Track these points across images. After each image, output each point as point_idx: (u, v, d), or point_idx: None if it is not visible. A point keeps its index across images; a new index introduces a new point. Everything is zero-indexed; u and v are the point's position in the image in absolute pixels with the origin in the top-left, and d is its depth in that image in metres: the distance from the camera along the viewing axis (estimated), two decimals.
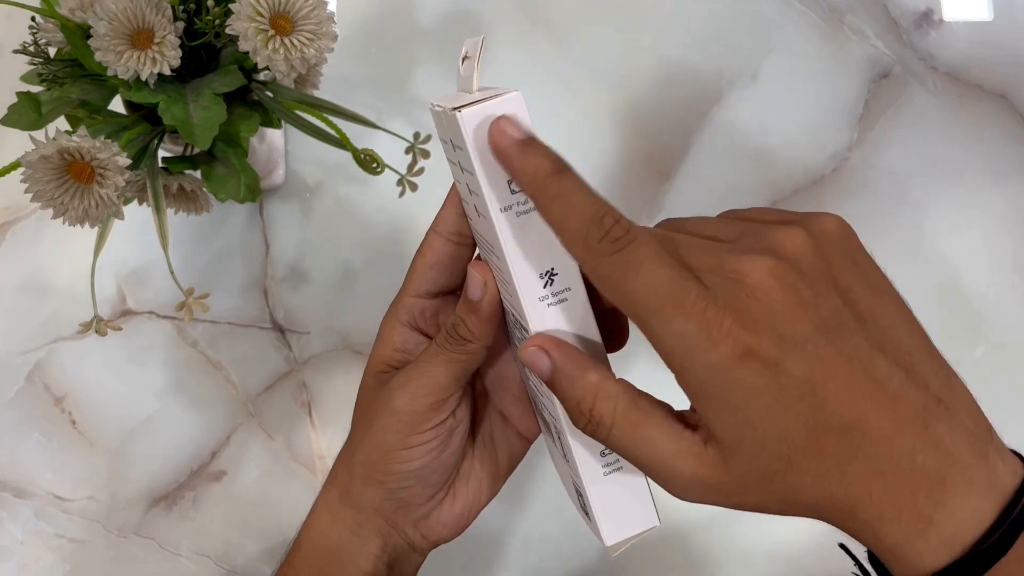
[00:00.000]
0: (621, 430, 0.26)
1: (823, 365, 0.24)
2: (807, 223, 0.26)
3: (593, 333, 0.29)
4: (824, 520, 0.25)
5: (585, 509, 0.30)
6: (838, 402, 0.24)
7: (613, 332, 0.30)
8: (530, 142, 0.26)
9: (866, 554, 0.26)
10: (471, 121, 0.27)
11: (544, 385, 0.28)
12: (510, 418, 0.35)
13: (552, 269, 0.28)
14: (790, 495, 0.25)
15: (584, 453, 0.29)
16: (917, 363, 0.25)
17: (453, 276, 0.32)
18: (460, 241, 0.31)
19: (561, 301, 0.28)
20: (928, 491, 0.24)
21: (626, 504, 0.29)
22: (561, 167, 0.26)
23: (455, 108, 0.27)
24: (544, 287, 0.28)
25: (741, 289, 0.24)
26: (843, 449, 0.24)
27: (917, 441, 0.24)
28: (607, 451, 0.29)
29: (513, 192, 0.27)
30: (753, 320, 0.23)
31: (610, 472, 0.29)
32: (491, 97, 0.27)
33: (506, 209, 0.27)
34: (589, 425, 0.26)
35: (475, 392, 0.35)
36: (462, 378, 0.31)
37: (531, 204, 0.27)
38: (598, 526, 0.29)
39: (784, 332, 0.24)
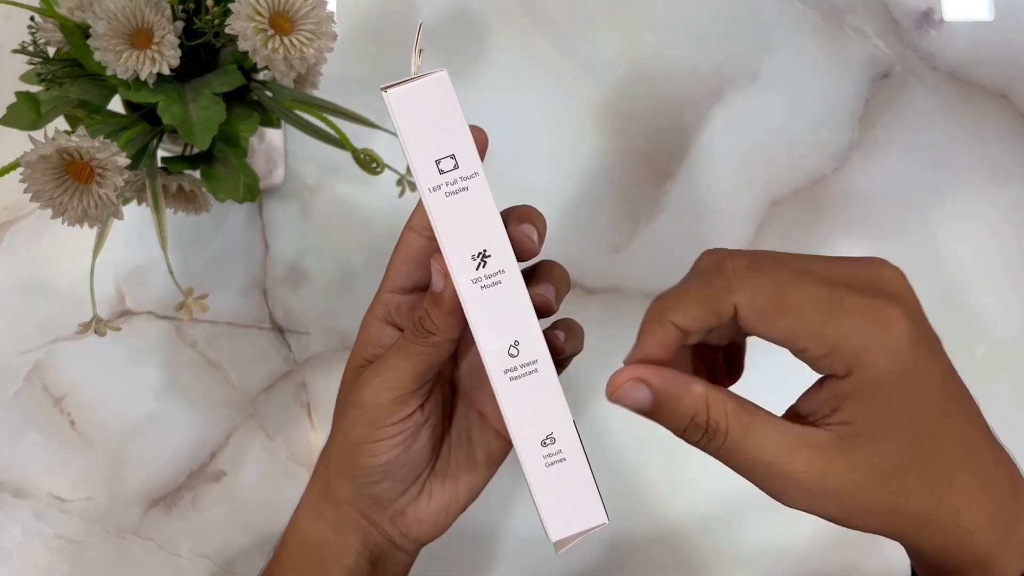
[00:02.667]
0: (735, 433, 0.26)
1: (948, 371, 0.26)
2: (884, 262, 0.28)
3: (528, 314, 0.28)
4: (912, 536, 0.26)
5: (533, 504, 0.29)
6: (956, 410, 0.26)
7: (732, 366, 0.31)
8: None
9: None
10: (396, 100, 0.27)
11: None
12: (488, 417, 0.34)
13: (484, 251, 0.28)
14: (903, 498, 0.26)
15: (525, 442, 0.29)
16: None
17: (427, 271, 0.32)
18: (434, 236, 0.31)
19: (495, 284, 0.28)
20: (1008, 503, 0.26)
21: (571, 498, 0.29)
22: (661, 308, 0.27)
23: (382, 88, 0.27)
24: (476, 268, 0.28)
25: (887, 289, 0.25)
26: (955, 457, 0.25)
27: (994, 456, 0.26)
28: (549, 440, 0.28)
29: (442, 172, 0.28)
30: (909, 313, 0.25)
31: (552, 463, 0.28)
32: (418, 77, 0.27)
33: (434, 189, 0.28)
34: (705, 435, 0.27)
35: (452, 389, 0.35)
36: (427, 372, 0.31)
37: (461, 184, 0.28)
38: (543, 521, 0.29)
39: (926, 332, 0.25)
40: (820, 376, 0.26)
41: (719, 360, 0.31)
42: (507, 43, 0.60)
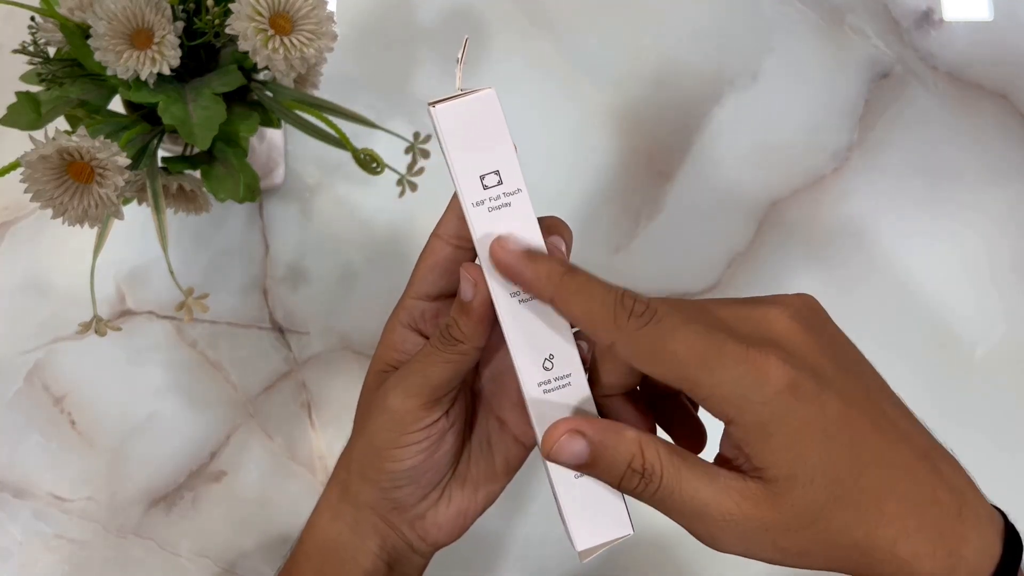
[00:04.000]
0: (669, 476, 0.26)
1: (852, 400, 0.25)
2: (780, 301, 0.28)
3: (564, 328, 0.29)
4: (859, 568, 0.26)
5: (560, 513, 0.30)
6: (869, 437, 0.25)
7: (694, 436, 0.31)
8: (534, 252, 0.28)
9: None
10: (443, 116, 0.28)
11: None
12: (507, 423, 0.35)
13: None
14: (834, 535, 0.25)
15: None
16: (906, 413, 0.27)
17: (453, 279, 0.32)
18: (460, 244, 0.31)
19: (533, 297, 0.28)
20: (951, 526, 0.25)
21: (599, 509, 0.29)
22: (570, 265, 0.27)
23: (430, 104, 0.28)
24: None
25: (771, 333, 0.26)
26: (879, 484, 0.25)
27: (932, 477, 0.25)
28: None
29: (486, 188, 0.28)
30: (791, 357, 0.25)
31: (581, 474, 0.29)
32: (465, 94, 0.28)
33: (478, 204, 0.28)
34: (642, 480, 0.27)
35: (473, 396, 0.35)
36: (454, 379, 0.31)
37: (504, 200, 0.28)
38: (569, 530, 0.29)
39: (816, 369, 0.25)
40: None
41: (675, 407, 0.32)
42: (507, 44, 0.60)
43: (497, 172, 0.28)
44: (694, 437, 0.31)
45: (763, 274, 0.57)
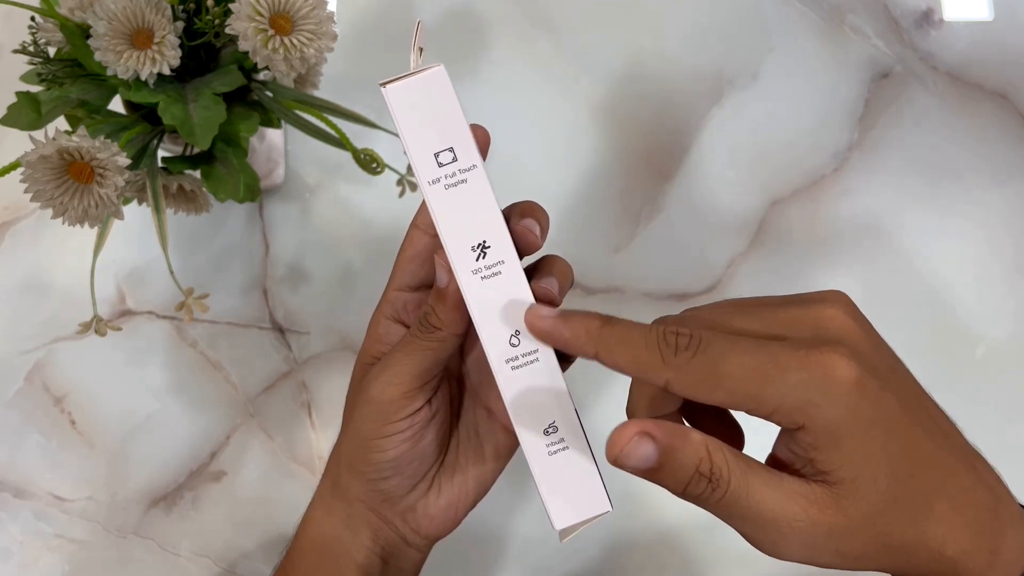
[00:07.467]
0: (737, 481, 0.25)
1: (904, 399, 0.25)
2: (828, 298, 0.27)
3: (530, 304, 0.29)
4: (906, 568, 0.26)
5: (538, 492, 0.30)
6: (919, 436, 0.25)
7: (733, 436, 0.31)
8: (568, 313, 0.27)
9: None
10: (395, 95, 0.28)
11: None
12: (495, 412, 0.35)
13: (484, 242, 0.28)
14: (890, 536, 0.25)
15: (528, 431, 0.29)
16: (943, 413, 0.28)
17: (433, 269, 0.32)
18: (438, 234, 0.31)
19: (495, 274, 0.29)
20: (990, 524, 0.26)
21: (575, 487, 0.29)
22: (605, 317, 0.27)
23: (381, 84, 0.28)
24: (476, 260, 0.28)
25: (831, 332, 0.25)
26: (930, 485, 0.25)
27: (971, 476, 0.26)
28: (551, 429, 0.29)
29: (441, 165, 0.28)
30: (855, 353, 0.25)
31: (555, 451, 0.29)
32: (415, 72, 0.28)
33: (434, 182, 0.28)
34: (708, 486, 0.25)
35: (460, 385, 0.35)
36: (434, 367, 0.31)
37: (460, 177, 0.28)
38: (547, 508, 0.29)
39: (874, 366, 0.25)
40: None
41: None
42: (507, 44, 0.60)
43: (451, 149, 0.28)
44: (733, 438, 0.31)
45: (763, 274, 0.57)
